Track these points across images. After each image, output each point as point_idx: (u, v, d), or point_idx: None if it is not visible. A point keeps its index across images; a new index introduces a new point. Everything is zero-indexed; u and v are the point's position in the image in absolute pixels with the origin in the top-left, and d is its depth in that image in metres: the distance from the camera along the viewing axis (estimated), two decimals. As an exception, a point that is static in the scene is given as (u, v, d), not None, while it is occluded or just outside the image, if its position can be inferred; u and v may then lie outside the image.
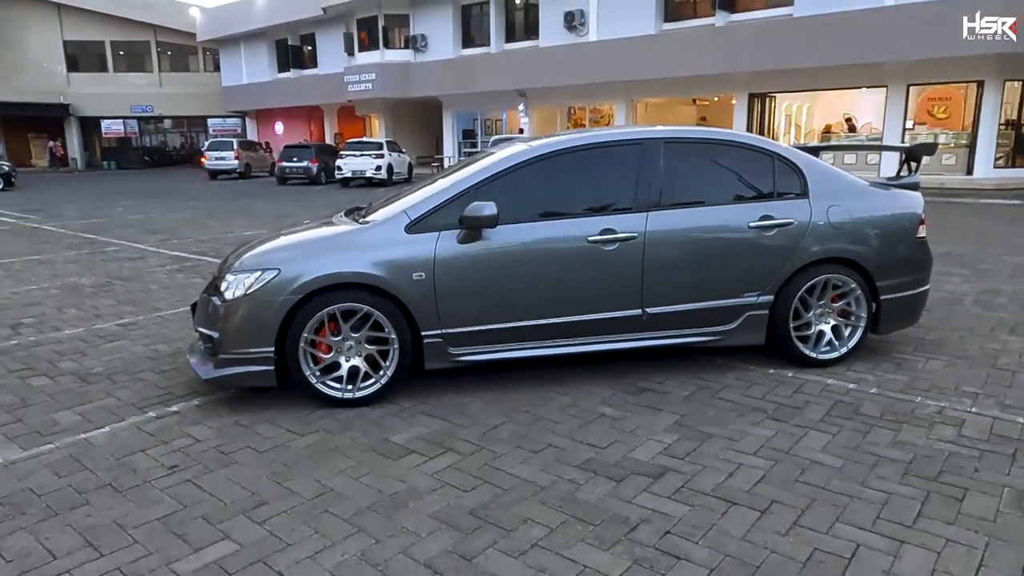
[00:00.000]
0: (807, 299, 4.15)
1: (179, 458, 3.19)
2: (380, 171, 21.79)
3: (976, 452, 3.09)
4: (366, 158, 21.97)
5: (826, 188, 4.18)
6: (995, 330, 4.96)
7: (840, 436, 3.29)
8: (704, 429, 3.40)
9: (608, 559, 2.36)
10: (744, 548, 2.41)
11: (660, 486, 2.86)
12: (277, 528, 2.59)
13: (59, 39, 38.46)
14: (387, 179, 21.97)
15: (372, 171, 21.80)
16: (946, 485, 2.81)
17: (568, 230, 3.86)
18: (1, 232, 11.94)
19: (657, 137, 4.09)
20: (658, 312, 3.96)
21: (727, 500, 2.73)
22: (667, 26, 20.58)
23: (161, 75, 40.15)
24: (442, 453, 3.20)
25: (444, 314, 3.73)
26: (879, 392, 3.83)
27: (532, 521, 2.61)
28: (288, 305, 3.57)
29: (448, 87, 26.10)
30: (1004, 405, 3.62)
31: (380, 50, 26.89)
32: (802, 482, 2.86)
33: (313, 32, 30.96)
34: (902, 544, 2.41)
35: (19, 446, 3.33)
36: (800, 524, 2.55)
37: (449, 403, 3.78)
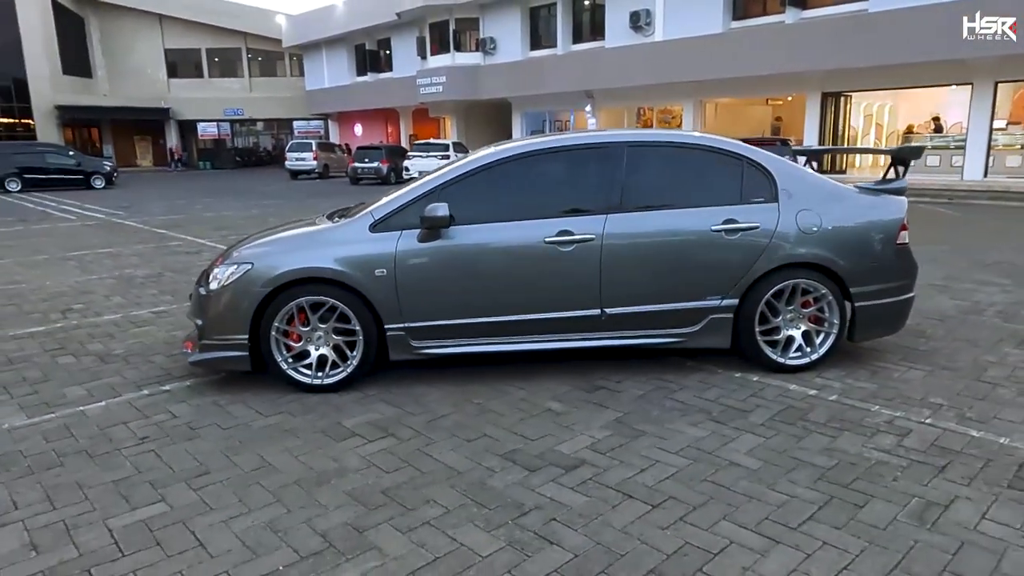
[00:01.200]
0: (775, 304, 4.12)
1: (152, 431, 3.55)
2: (445, 172, 22.25)
3: (906, 462, 3.04)
4: (432, 159, 22.54)
5: (798, 193, 4.13)
6: (1002, 342, 4.73)
7: (773, 440, 3.29)
8: (640, 427, 3.47)
9: (485, 539, 2.51)
10: (618, 538, 2.50)
11: (569, 477, 2.97)
12: (208, 495, 2.88)
13: (161, 48, 41.38)
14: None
15: (438, 171, 22.29)
16: (854, 492, 2.79)
17: (526, 231, 4.00)
18: (88, 227, 13.07)
19: (620, 141, 4.17)
20: (617, 313, 4.04)
21: (625, 494, 2.82)
22: (735, 24, 20.10)
23: (251, 80, 42.53)
24: (382, 437, 3.42)
25: (405, 309, 3.95)
26: (838, 399, 3.77)
27: (434, 502, 2.79)
28: (260, 297, 3.89)
29: (516, 89, 26.41)
30: (964, 418, 3.50)
31: (451, 53, 27.51)
32: (709, 481, 2.91)
33: (389, 37, 31.99)
34: (776, 544, 2.44)
35: (26, 414, 3.79)
36: (685, 520, 2.62)
37: (410, 392, 4.00)
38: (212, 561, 2.42)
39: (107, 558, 2.45)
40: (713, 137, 4.34)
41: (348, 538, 2.54)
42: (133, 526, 2.65)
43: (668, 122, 24.96)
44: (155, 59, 41.47)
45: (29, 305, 6.44)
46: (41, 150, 25.38)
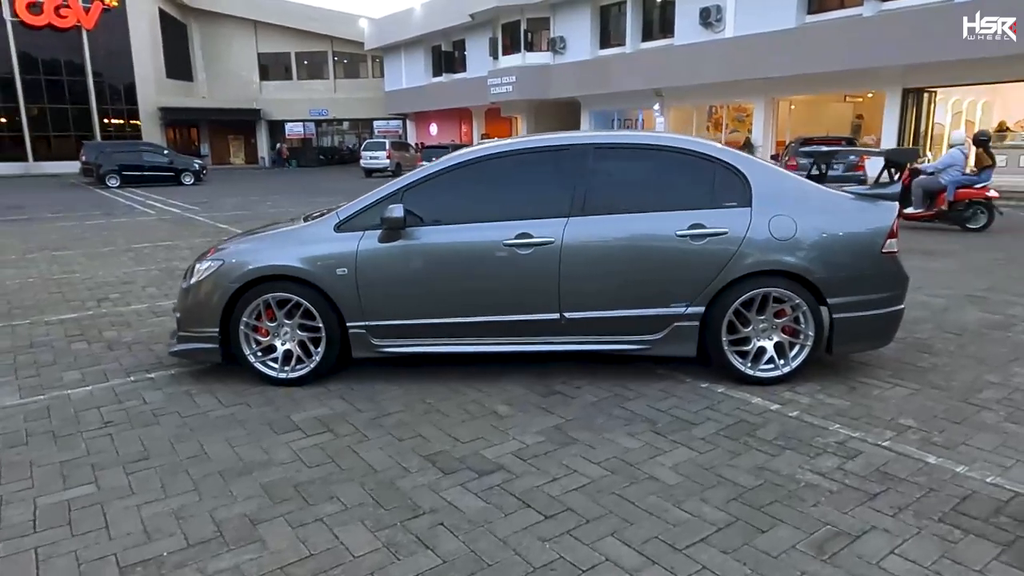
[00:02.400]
0: (745, 313, 3.94)
1: (119, 416, 3.77)
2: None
3: (837, 487, 2.84)
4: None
5: (774, 197, 3.93)
6: (1014, 362, 4.33)
7: (706, 456, 3.15)
8: (575, 435, 3.40)
9: (366, 540, 2.54)
10: (493, 547, 2.47)
11: (479, 482, 2.95)
12: (136, 480, 3.04)
13: (254, 52, 43.63)
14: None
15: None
16: (764, 515, 2.64)
17: (486, 233, 3.99)
18: (162, 221, 13.95)
19: (586, 143, 4.09)
20: (576, 317, 3.97)
21: (524, 503, 2.78)
22: (809, 19, 19.17)
23: (336, 81, 44.17)
24: (321, 433, 3.50)
25: (366, 307, 4.03)
26: (799, 415, 3.57)
27: (337, 499, 2.84)
28: (230, 292, 4.05)
29: (585, 88, 26.22)
30: (928, 442, 3.24)
31: (521, 53, 27.61)
32: (617, 495, 2.82)
33: (464, 38, 32.44)
34: (651, 565, 2.35)
35: (20, 395, 4.11)
36: (572, 533, 2.55)
37: (369, 389, 4.07)
38: (108, 543, 2.55)
39: (19, 533, 2.63)
40: (685, 139, 4.19)
41: (240, 529, 2.63)
42: (57, 505, 2.83)
43: (742, 120, 24.13)
44: (249, 63, 43.76)
45: (73, 293, 6.96)
46: (138, 149, 27.30)
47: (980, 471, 2.94)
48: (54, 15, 37.01)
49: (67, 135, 37.30)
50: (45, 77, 37.82)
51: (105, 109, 39.57)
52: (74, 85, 38.54)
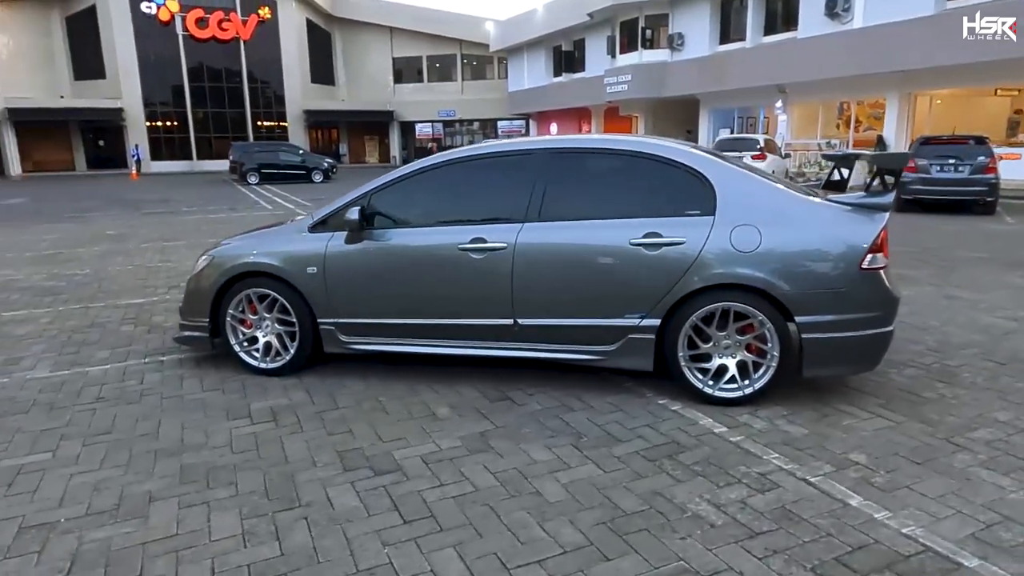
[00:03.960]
0: (705, 328, 3.70)
1: (112, 392, 4.19)
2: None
3: (723, 522, 2.63)
4: (602, 158, 22.44)
5: (740, 206, 3.66)
6: (1045, 399, 3.75)
7: (608, 475, 3.02)
8: (493, 443, 3.37)
9: (232, 525, 2.68)
10: (335, 546, 2.53)
11: (368, 482, 3.01)
12: (87, 451, 3.38)
13: (389, 56, 45.96)
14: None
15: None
16: (622, 543, 2.50)
17: (443, 237, 4.02)
18: (274, 215, 15.10)
19: (544, 148, 4.01)
20: (530, 324, 3.92)
21: (395, 506, 2.80)
22: (951, 5, 17.29)
23: (463, 83, 45.50)
24: (265, 422, 3.71)
25: (334, 305, 4.20)
26: (738, 441, 3.31)
27: (234, 485, 3.01)
28: (217, 285, 4.38)
29: (703, 85, 25.26)
30: (864, 482, 2.90)
31: (639, 51, 27.07)
32: (489, 506, 2.77)
33: (583, 37, 32.29)
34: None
35: (50, 369, 4.68)
36: (417, 540, 2.55)
37: (337, 384, 4.24)
38: (26, 506, 2.87)
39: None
40: (650, 142, 3.98)
41: (135, 505, 2.86)
42: (10, 468, 3.21)
43: (879, 118, 22.22)
44: (384, 67, 46.17)
45: (154, 280, 7.76)
46: (276, 149, 29.68)
47: (902, 520, 2.60)
48: (217, 28, 41.02)
49: (225, 136, 41.15)
50: (208, 84, 42.02)
51: (257, 112, 43.34)
52: (232, 91, 42.52)
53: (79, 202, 19.68)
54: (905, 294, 6.26)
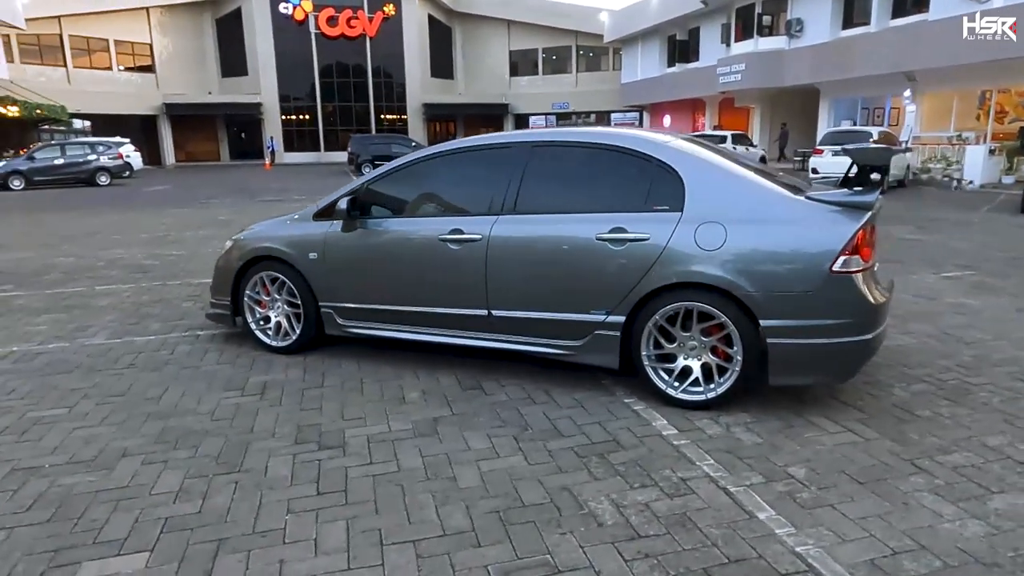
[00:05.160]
0: (669, 328, 3.62)
1: (143, 360, 4.69)
2: (718, 165, 21.24)
3: (613, 521, 2.60)
4: (705, 151, 21.68)
5: (708, 203, 3.53)
6: (1059, 425, 3.36)
7: (531, 467, 3.05)
8: (441, 429, 3.49)
9: (173, 482, 2.97)
10: (245, 509, 2.75)
11: (308, 455, 3.21)
12: (97, 410, 3.82)
13: (506, 49, 46.65)
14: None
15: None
16: (500, 531, 2.55)
17: (426, 227, 4.17)
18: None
19: (523, 141, 4.04)
20: (503, 316, 3.99)
21: (316, 478, 2.99)
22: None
23: (577, 75, 45.37)
24: (254, 395, 4.02)
25: (333, 290, 4.47)
26: (681, 445, 3.23)
27: (195, 448, 3.31)
28: (236, 268, 4.78)
29: (823, 73, 23.74)
30: (786, 496, 2.75)
31: (754, 39, 25.86)
32: (400, 486, 2.90)
33: (698, 26, 31.22)
34: (343, 552, 2.45)
35: (106, 337, 5.29)
36: (318, 511, 2.73)
37: (333, 364, 4.51)
38: (26, 451, 3.31)
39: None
40: (628, 134, 3.90)
41: (108, 458, 3.23)
42: (31, 419, 3.71)
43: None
44: (501, 60, 46.93)
45: (232, 263, 8.45)
46: (389, 142, 30.99)
47: (803, 538, 2.47)
48: (346, 26, 43.35)
49: (350, 129, 43.40)
50: (337, 80, 44.53)
51: (380, 106, 45.44)
52: (358, 86, 44.82)
53: (209, 189, 21.62)
54: (974, 304, 5.75)
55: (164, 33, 42.92)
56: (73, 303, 6.45)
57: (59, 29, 38.87)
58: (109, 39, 41.03)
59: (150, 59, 42.98)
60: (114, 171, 25.71)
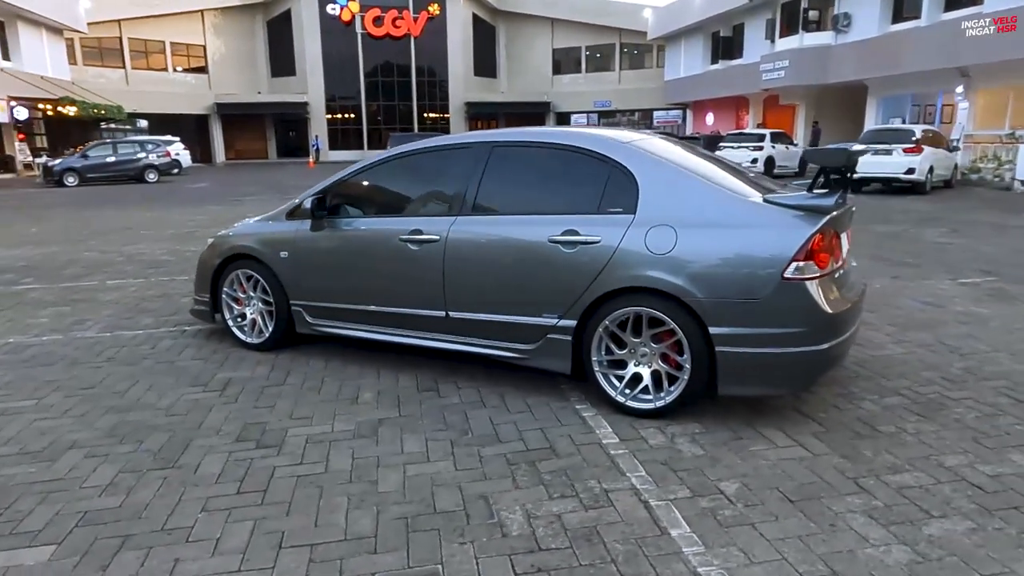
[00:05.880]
0: (619, 333, 3.51)
1: (123, 354, 4.81)
2: (756, 164, 20.77)
3: (518, 532, 2.53)
4: (743, 150, 21.23)
5: (661, 205, 3.41)
6: (1015, 449, 3.13)
7: (457, 473, 3.00)
8: (382, 431, 3.46)
9: (107, 476, 3.02)
10: (157, 501, 2.78)
11: (244, 453, 3.22)
12: (63, 402, 3.91)
13: (549, 48, 46.50)
14: (763, 172, 20.82)
15: (747, 164, 20.92)
16: (403, 538, 2.50)
17: (389, 227, 4.15)
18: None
19: (482, 141, 3.98)
20: (459, 317, 3.94)
21: (238, 476, 3.00)
22: None
23: (620, 73, 44.88)
24: (215, 391, 4.07)
25: (302, 288, 4.50)
26: (617, 455, 3.13)
27: (139, 442, 3.36)
28: (215, 266, 4.85)
29: (870, 69, 22.89)
30: (708, 513, 2.63)
31: (799, 34, 25.10)
32: (315, 486, 2.88)
33: (743, 22, 30.50)
34: (220, 541, 2.45)
35: (97, 330, 5.45)
36: (221, 507, 2.73)
37: (303, 362, 4.53)
38: (-18, 440, 3.45)
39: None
40: (588, 134, 3.79)
41: (57, 450, 3.30)
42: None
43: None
44: (543, 58, 46.80)
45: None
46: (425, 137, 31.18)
47: (711, 558, 2.35)
48: (391, 26, 43.91)
49: (393, 127, 43.96)
50: (381, 79, 45.15)
51: (423, 105, 45.89)
52: (401, 85, 45.37)
53: (247, 187, 22.17)
54: (983, 312, 5.45)
55: (217, 35, 44.23)
56: (81, 297, 6.67)
57: (119, 32, 40.48)
58: (165, 41, 42.54)
59: (203, 60, 44.38)
60: (162, 168, 26.59)
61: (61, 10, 33.64)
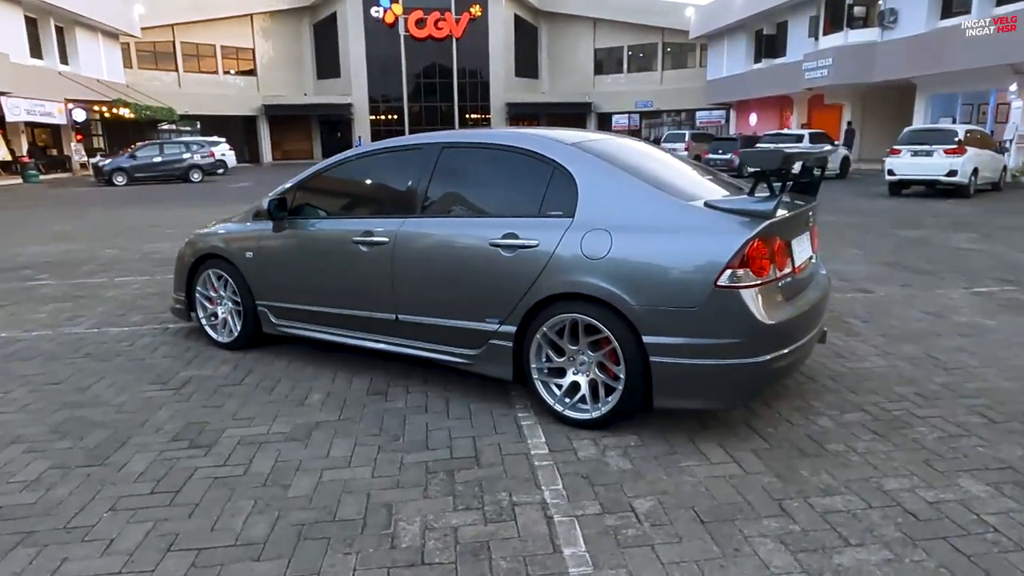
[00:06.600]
0: (557, 340, 3.41)
1: (101, 350, 4.92)
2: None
3: (408, 544, 2.46)
4: (780, 151, 20.59)
5: (599, 208, 3.30)
6: (960, 475, 2.90)
7: (371, 480, 2.95)
8: (316, 433, 3.44)
9: (37, 471, 3.07)
10: (73, 497, 2.80)
11: (175, 453, 3.24)
12: (23, 397, 4.00)
13: (591, 48, 46.19)
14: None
15: (784, 165, 20.29)
16: (290, 546, 2.46)
17: (343, 228, 4.12)
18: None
19: (435, 142, 3.92)
20: (408, 320, 3.89)
21: (157, 475, 3.01)
22: None
23: (663, 72, 44.24)
24: (172, 390, 4.11)
25: (267, 289, 4.52)
26: (538, 467, 3.03)
27: (81, 439, 3.42)
28: (188, 266, 4.93)
29: (918, 67, 22.00)
30: (611, 531, 2.51)
31: (844, 31, 24.30)
32: (230, 488, 2.87)
33: (787, 19, 29.71)
34: (114, 538, 2.45)
35: (87, 327, 5.59)
36: (137, 506, 2.74)
37: (267, 362, 4.55)
38: (-64, 432, 3.55)
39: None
40: (528, 135, 3.68)
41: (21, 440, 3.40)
42: (-35, 402, 3.98)
43: None
44: (586, 59, 46.52)
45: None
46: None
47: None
48: (434, 28, 44.27)
49: (434, 128, 44.31)
50: (423, 80, 45.57)
51: (464, 106, 46.12)
52: (443, 86, 45.70)
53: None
54: (988, 324, 5.15)
55: (266, 38, 45.34)
56: (84, 293, 6.87)
57: (172, 36, 41.89)
58: (216, 45, 43.84)
59: (252, 63, 45.55)
60: (206, 168, 27.39)
61: (117, 16, 35.03)
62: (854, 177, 22.17)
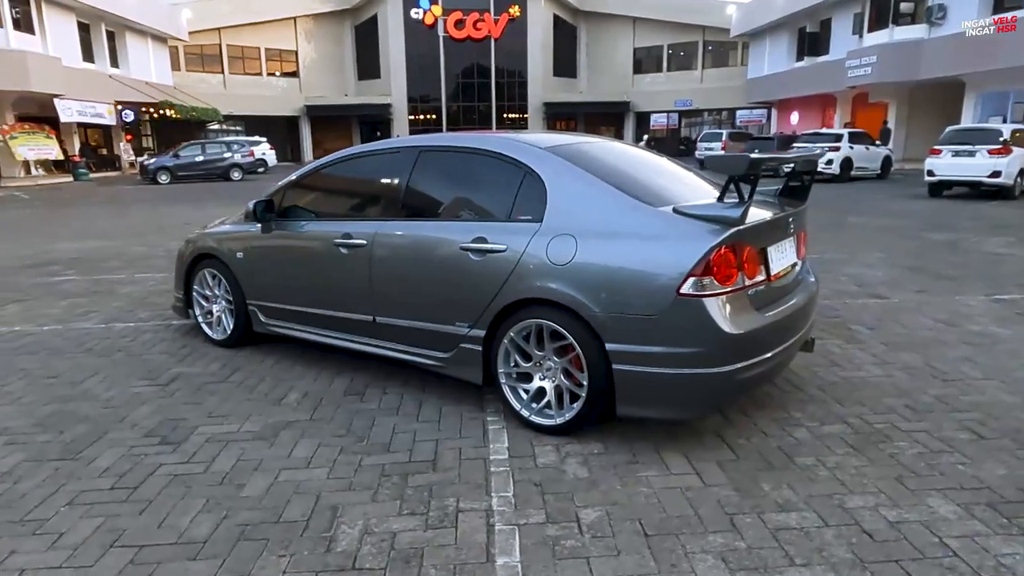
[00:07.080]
0: (524, 346, 3.37)
1: (103, 345, 5.06)
2: (831, 165, 19.61)
3: (345, 548, 2.46)
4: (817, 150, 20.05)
5: (566, 213, 3.24)
6: (929, 494, 2.76)
7: (325, 482, 2.96)
8: (285, 432, 3.46)
9: (10, 463, 3.17)
10: (37, 491, 2.88)
11: (144, 449, 3.30)
12: (19, 391, 4.15)
13: (631, 47, 45.72)
14: (839, 174, 19.68)
15: (822, 165, 19.79)
16: (228, 548, 2.48)
17: (325, 230, 4.15)
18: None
19: (413, 146, 3.91)
20: (385, 322, 3.90)
21: (121, 471, 3.07)
22: None
23: (703, 71, 43.52)
24: (160, 385, 4.20)
25: (256, 288, 4.59)
26: (494, 472, 3.00)
27: (62, 433, 3.51)
28: (186, 265, 5.03)
29: (967, 64, 21.17)
30: (554, 543, 2.47)
31: (889, 28, 23.53)
32: (189, 487, 2.91)
33: (830, 16, 28.91)
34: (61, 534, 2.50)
35: (95, 323, 5.76)
36: (100, 501, 2.80)
37: (256, 360, 4.61)
38: (-71, 422, 3.70)
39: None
40: (505, 139, 3.65)
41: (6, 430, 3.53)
42: (-37, 394, 4.13)
43: None
44: (624, 58, 46.09)
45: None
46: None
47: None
48: (472, 29, 44.41)
49: (472, 128, 44.50)
50: (462, 81, 45.77)
51: (502, 105, 46.14)
52: (481, 86, 45.82)
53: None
54: (1002, 333, 4.94)
55: (308, 40, 46.17)
56: (102, 289, 7.08)
57: (218, 39, 43.00)
58: (260, 47, 44.83)
59: (295, 65, 46.44)
60: (246, 167, 28.02)
61: (166, 21, 36.14)
62: (896, 177, 21.48)
